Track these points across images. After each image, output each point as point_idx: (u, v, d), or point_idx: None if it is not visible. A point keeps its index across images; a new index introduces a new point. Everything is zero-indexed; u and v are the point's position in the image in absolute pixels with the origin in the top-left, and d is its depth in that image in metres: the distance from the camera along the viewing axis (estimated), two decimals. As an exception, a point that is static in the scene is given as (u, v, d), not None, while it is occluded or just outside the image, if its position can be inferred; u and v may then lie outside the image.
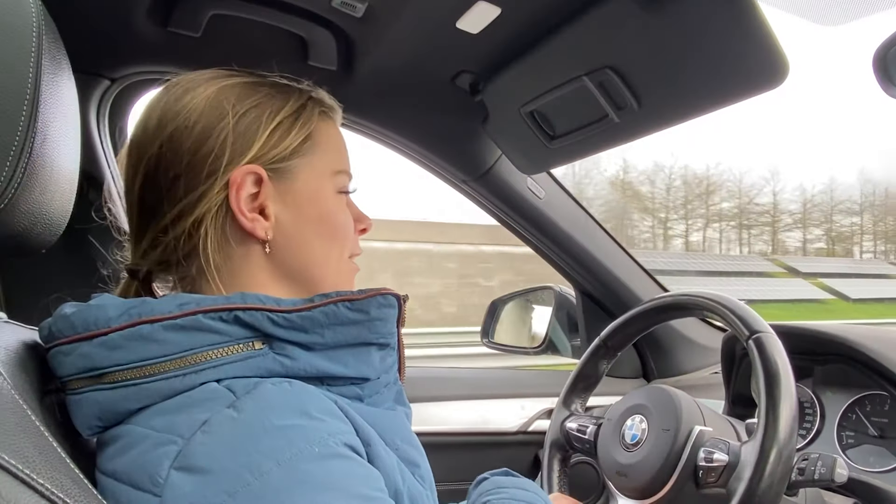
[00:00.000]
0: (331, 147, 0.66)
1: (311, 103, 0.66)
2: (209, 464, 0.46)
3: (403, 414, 0.64)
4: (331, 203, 0.65)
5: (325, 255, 0.65)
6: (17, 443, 0.40)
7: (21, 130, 0.46)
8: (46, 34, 0.49)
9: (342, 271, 0.67)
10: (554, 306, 1.67)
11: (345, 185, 0.67)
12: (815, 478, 0.80)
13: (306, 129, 0.64)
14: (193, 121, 0.60)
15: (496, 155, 1.40)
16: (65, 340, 0.52)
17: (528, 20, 1.01)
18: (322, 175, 0.65)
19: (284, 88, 0.65)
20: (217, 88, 0.62)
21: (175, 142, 0.60)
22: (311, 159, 0.64)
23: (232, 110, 0.60)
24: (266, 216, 0.61)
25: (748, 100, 0.88)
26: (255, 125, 0.61)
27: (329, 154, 0.66)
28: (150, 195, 0.61)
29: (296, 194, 0.63)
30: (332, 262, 0.65)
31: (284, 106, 0.63)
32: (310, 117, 0.64)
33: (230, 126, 0.60)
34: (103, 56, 1.11)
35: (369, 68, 1.17)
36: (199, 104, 0.60)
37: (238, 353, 0.53)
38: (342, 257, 0.67)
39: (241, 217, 0.60)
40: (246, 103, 0.61)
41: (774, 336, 0.85)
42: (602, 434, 1.03)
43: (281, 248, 0.62)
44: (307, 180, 0.64)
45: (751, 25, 0.80)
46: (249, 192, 0.60)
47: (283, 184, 0.62)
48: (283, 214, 0.62)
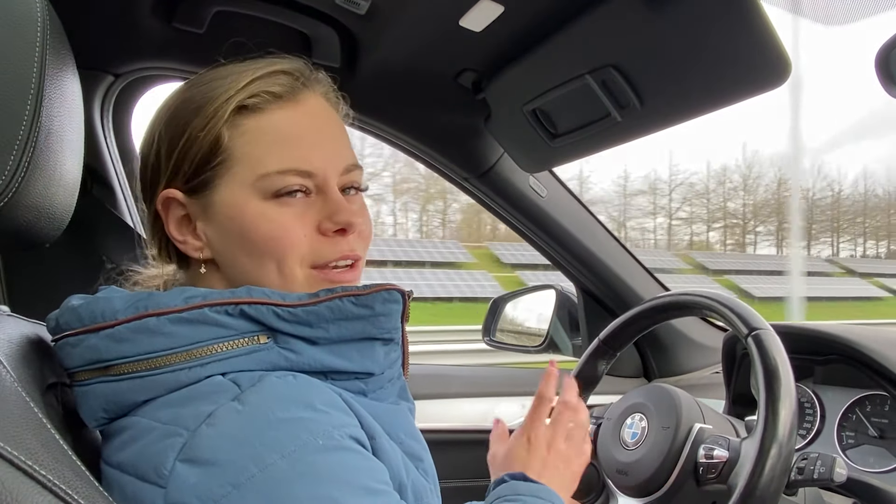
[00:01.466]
0: (255, 148, 0.58)
1: (228, 102, 0.58)
2: (214, 456, 0.46)
3: (407, 409, 0.64)
4: (253, 213, 0.57)
5: (259, 270, 0.58)
6: (20, 434, 0.41)
7: (25, 125, 0.46)
8: (51, 30, 0.50)
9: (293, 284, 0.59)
10: (555, 305, 1.67)
11: (281, 187, 0.58)
12: (814, 477, 0.80)
13: (210, 137, 0.58)
14: (140, 147, 0.64)
15: (498, 153, 1.40)
16: (72, 332, 0.53)
17: (531, 18, 1.01)
18: (241, 183, 0.58)
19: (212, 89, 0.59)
20: (158, 113, 0.63)
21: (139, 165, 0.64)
22: (225, 169, 0.58)
23: (159, 130, 0.61)
24: (197, 236, 0.61)
25: (749, 99, 0.88)
26: (170, 146, 0.60)
27: (252, 158, 0.58)
28: None
29: (216, 209, 0.59)
30: (270, 276, 0.58)
31: (196, 115, 0.58)
32: (217, 122, 0.58)
33: (154, 148, 0.61)
34: (107, 52, 1.11)
35: (372, 66, 1.17)
36: (147, 129, 0.63)
37: (243, 346, 0.53)
38: (285, 268, 0.58)
39: (174, 241, 0.61)
40: (169, 125, 0.60)
41: (773, 333, 0.85)
42: (602, 433, 1.04)
43: (221, 264, 0.61)
44: (224, 192, 0.58)
45: (753, 25, 0.80)
46: (179, 215, 0.61)
47: (203, 200, 0.59)
48: (210, 232, 0.60)
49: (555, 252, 1.54)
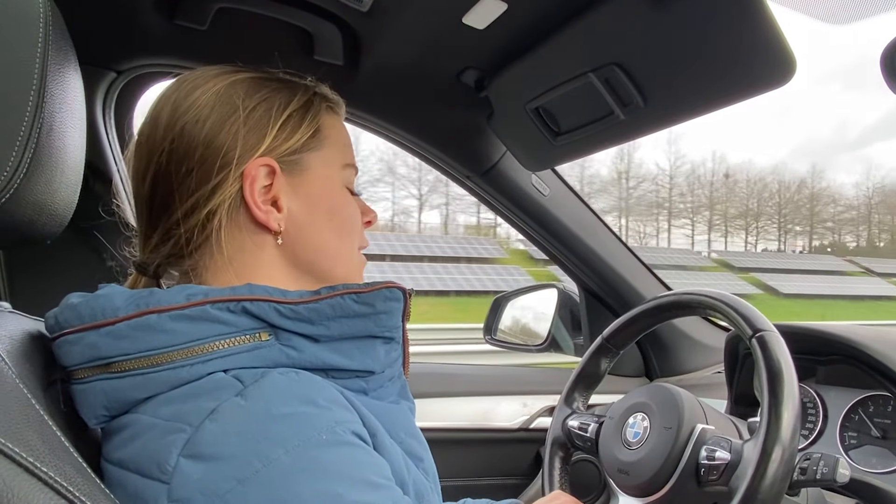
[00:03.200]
0: (339, 141, 0.67)
1: (318, 98, 0.66)
2: (218, 451, 0.46)
3: (407, 408, 0.65)
4: (340, 196, 0.66)
5: (336, 246, 0.66)
6: (21, 431, 0.40)
7: (27, 121, 0.46)
8: (53, 25, 0.49)
9: (353, 264, 0.68)
10: (557, 304, 1.67)
11: (351, 179, 0.68)
12: (817, 478, 0.80)
13: (315, 122, 0.65)
14: (205, 116, 0.60)
15: (501, 151, 1.40)
16: (71, 330, 0.52)
17: (534, 16, 1.00)
18: (332, 168, 0.66)
19: (290, 83, 0.66)
20: (226, 84, 0.62)
21: (186, 136, 0.60)
22: (322, 153, 0.65)
23: (242, 104, 0.61)
24: (278, 208, 0.62)
25: (754, 98, 0.88)
26: (266, 119, 0.61)
27: (337, 148, 0.67)
28: (162, 190, 0.62)
29: (308, 187, 0.64)
30: (343, 254, 0.66)
31: (293, 99, 0.64)
32: (318, 111, 0.65)
33: (241, 120, 0.60)
34: (110, 48, 1.11)
35: (375, 63, 1.17)
36: (210, 99, 0.61)
37: (245, 343, 0.53)
38: (353, 249, 0.68)
39: (255, 209, 0.60)
40: (255, 98, 0.62)
41: (778, 335, 0.85)
42: (603, 432, 1.03)
43: (293, 239, 0.63)
44: (318, 173, 0.64)
45: (758, 22, 0.80)
46: (262, 185, 0.61)
47: (294, 176, 0.63)
48: (295, 206, 0.63)
49: (557, 251, 1.54)
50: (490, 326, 1.74)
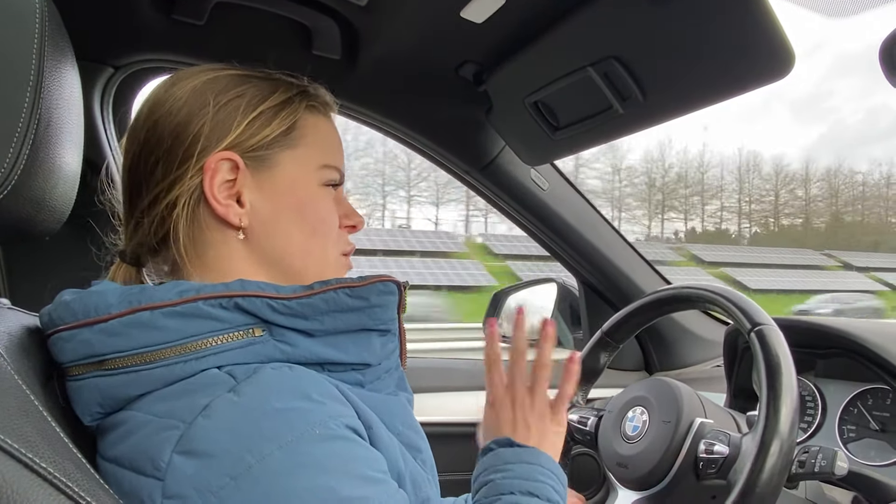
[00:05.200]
0: (318, 141, 0.66)
1: (300, 97, 0.65)
2: (211, 447, 0.46)
3: (405, 399, 0.65)
4: (311, 194, 0.65)
5: (303, 246, 0.64)
6: (20, 426, 0.41)
7: (24, 117, 0.46)
8: (50, 21, 0.49)
9: (326, 265, 0.66)
10: (557, 298, 1.67)
11: (331, 179, 0.66)
12: (815, 470, 0.80)
13: (289, 120, 0.63)
14: (177, 108, 0.61)
15: (500, 145, 1.40)
16: (65, 327, 0.52)
17: (532, 9, 1.00)
18: (304, 166, 0.64)
19: (274, 81, 0.65)
20: (205, 79, 0.62)
21: (159, 128, 0.61)
22: (294, 151, 0.64)
23: (214, 99, 0.61)
24: (241, 203, 0.61)
25: (753, 91, 0.87)
26: (235, 114, 0.61)
27: (315, 147, 0.65)
28: (134, 179, 0.63)
29: (274, 183, 0.63)
30: (313, 253, 0.65)
31: (269, 96, 0.63)
32: (295, 109, 0.64)
33: (210, 114, 0.60)
34: (107, 44, 1.11)
35: (373, 58, 1.17)
36: (185, 93, 0.62)
37: (238, 339, 0.53)
38: (325, 250, 0.66)
39: (214, 202, 0.60)
40: (229, 94, 0.62)
41: (776, 328, 0.85)
42: (603, 426, 1.04)
43: (258, 235, 0.62)
44: (287, 170, 0.63)
45: (757, 15, 0.79)
46: (225, 179, 0.61)
47: (261, 172, 0.62)
48: (259, 202, 0.62)
49: (556, 245, 1.54)
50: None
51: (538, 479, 0.68)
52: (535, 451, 0.71)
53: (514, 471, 0.68)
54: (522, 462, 0.69)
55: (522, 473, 0.68)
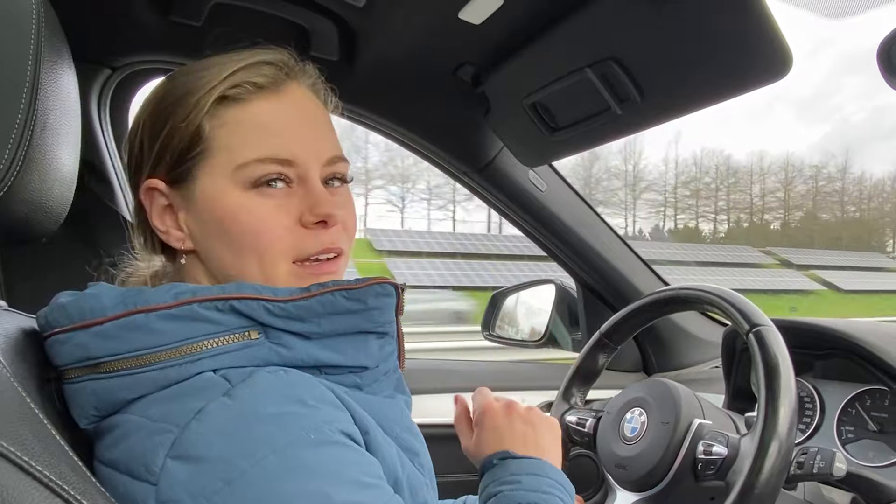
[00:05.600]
0: (237, 138, 0.58)
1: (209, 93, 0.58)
2: (204, 452, 0.46)
3: (403, 402, 0.64)
4: (231, 204, 0.57)
5: (239, 264, 0.58)
6: (16, 430, 0.40)
7: (20, 118, 0.46)
8: (46, 22, 0.49)
9: (275, 276, 0.58)
10: (555, 300, 1.67)
11: (261, 174, 0.57)
12: (813, 472, 0.80)
13: (191, 126, 0.58)
14: (127, 138, 0.64)
15: (498, 147, 1.40)
16: (61, 330, 0.52)
17: (530, 11, 1.00)
18: (220, 174, 0.58)
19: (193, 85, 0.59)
20: (144, 103, 0.63)
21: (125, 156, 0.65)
22: (206, 159, 0.58)
23: (142, 126, 0.61)
24: (180, 227, 0.61)
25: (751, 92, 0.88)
26: (153, 136, 0.60)
27: (228, 149, 0.57)
28: None
29: (196, 199, 0.59)
30: (249, 271, 0.58)
31: (178, 107, 0.58)
32: (198, 112, 0.57)
33: (138, 142, 0.61)
34: (104, 45, 1.11)
35: (371, 59, 1.17)
36: (134, 120, 0.63)
37: (234, 342, 0.53)
38: (264, 265, 0.58)
39: (157, 231, 0.61)
40: (153, 115, 0.61)
41: (775, 330, 0.85)
42: (601, 427, 1.03)
43: (203, 257, 0.61)
44: (203, 183, 0.58)
45: (754, 17, 0.80)
46: (161, 205, 0.61)
47: (184, 191, 0.59)
48: (191, 223, 0.60)
49: (554, 246, 1.54)
50: (488, 322, 1.74)
51: (546, 490, 0.67)
52: (541, 463, 0.70)
53: (522, 482, 0.67)
54: (530, 474, 0.68)
55: (531, 485, 0.67)
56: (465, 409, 0.84)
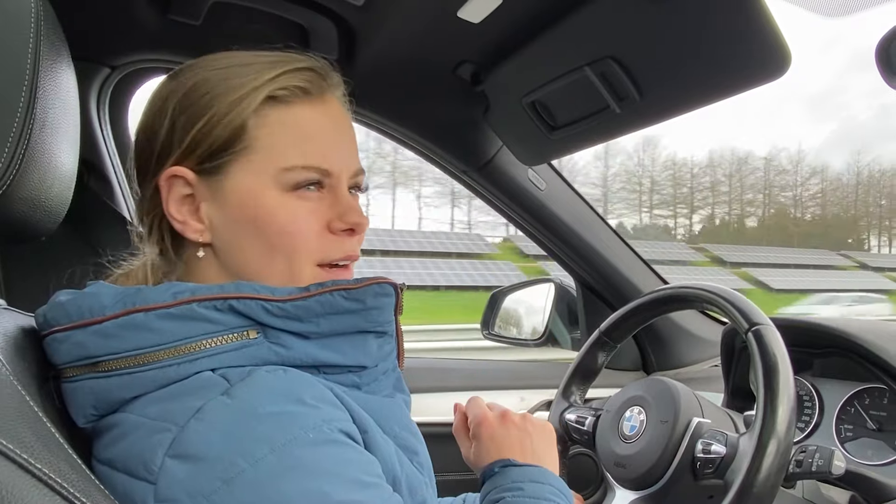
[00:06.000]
0: (280, 140, 0.58)
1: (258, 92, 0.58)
2: (203, 451, 0.46)
3: (402, 401, 0.64)
4: (269, 204, 0.58)
5: (265, 262, 0.59)
6: (16, 428, 0.40)
7: (19, 117, 0.46)
8: (45, 21, 0.49)
9: (299, 278, 0.59)
10: (554, 298, 1.67)
11: (301, 180, 0.59)
12: (812, 470, 0.80)
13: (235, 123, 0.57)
14: (144, 121, 0.61)
15: (497, 146, 1.40)
16: (59, 328, 0.52)
17: (530, 9, 1.00)
18: (260, 172, 0.58)
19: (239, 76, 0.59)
20: (172, 84, 0.61)
21: (136, 140, 0.62)
22: (245, 156, 0.58)
23: (171, 112, 0.59)
24: (199, 218, 0.59)
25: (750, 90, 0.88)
26: (187, 125, 0.58)
27: (272, 150, 0.58)
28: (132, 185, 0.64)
29: (227, 194, 0.58)
30: (275, 270, 0.59)
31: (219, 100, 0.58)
32: (244, 109, 0.57)
33: (165, 128, 0.59)
34: (103, 44, 1.11)
35: (370, 58, 1.17)
36: (153, 100, 0.61)
37: (233, 342, 0.53)
38: (292, 266, 0.59)
39: (172, 220, 0.59)
40: (186, 103, 0.59)
41: (774, 328, 0.85)
42: (600, 425, 1.04)
43: (221, 250, 0.60)
44: (238, 179, 0.58)
45: (753, 16, 0.80)
46: (182, 194, 0.59)
47: (214, 183, 0.59)
48: (215, 216, 0.59)
49: (553, 245, 1.54)
50: (487, 321, 1.74)
51: (548, 497, 0.67)
52: (542, 471, 0.70)
53: (524, 489, 0.67)
54: (532, 481, 0.68)
55: (533, 492, 0.67)
56: (464, 418, 0.84)
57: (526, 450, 0.74)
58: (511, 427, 0.76)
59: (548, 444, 0.77)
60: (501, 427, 0.77)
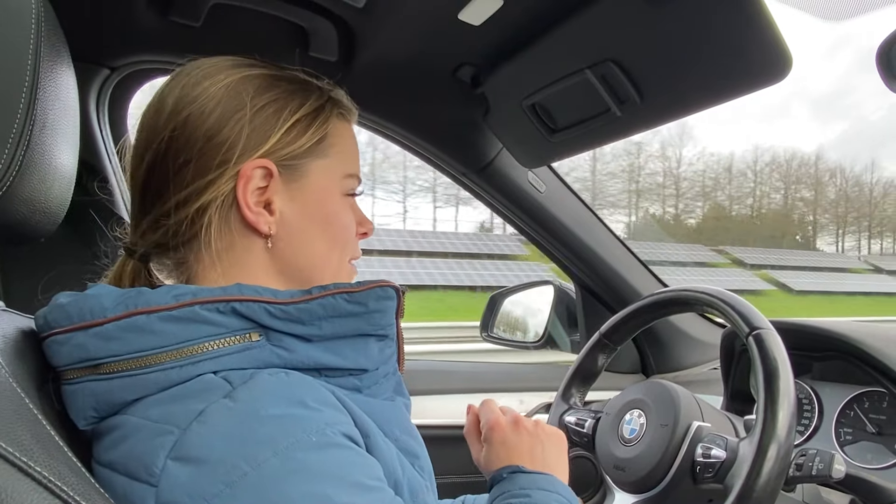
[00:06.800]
0: (345, 149, 0.66)
1: (330, 104, 0.66)
2: (206, 454, 0.46)
3: (402, 405, 0.64)
4: (337, 204, 0.65)
5: (325, 255, 0.65)
6: (14, 431, 0.40)
7: (19, 118, 0.46)
8: (46, 22, 0.49)
9: (341, 274, 0.67)
10: (553, 301, 1.67)
11: (353, 188, 0.67)
12: (812, 473, 0.80)
13: (323, 129, 0.64)
14: (210, 108, 0.59)
15: (497, 148, 1.40)
16: (60, 330, 0.52)
17: (530, 12, 1.00)
18: (333, 176, 0.65)
19: (305, 85, 0.65)
20: (237, 78, 0.61)
21: (189, 126, 0.59)
22: (325, 160, 0.64)
23: (250, 102, 0.60)
24: (271, 211, 0.61)
25: (751, 94, 0.88)
26: (273, 120, 0.60)
27: (342, 156, 0.66)
28: (157, 177, 0.61)
29: (304, 192, 0.63)
30: (332, 263, 0.66)
31: (304, 104, 0.63)
32: (327, 118, 0.65)
33: (247, 118, 0.59)
34: (103, 45, 1.11)
35: (370, 59, 1.17)
36: (218, 92, 0.60)
37: (235, 344, 0.53)
38: (343, 259, 0.67)
39: (246, 210, 0.59)
40: (265, 97, 0.61)
41: (774, 332, 0.85)
42: (600, 428, 1.04)
43: (283, 244, 0.62)
44: (317, 180, 0.64)
45: (754, 19, 0.80)
46: (257, 186, 0.60)
47: (292, 181, 0.62)
48: (288, 211, 0.62)
49: (553, 248, 1.54)
50: (487, 323, 1.74)
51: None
52: (551, 478, 0.71)
53: (532, 497, 0.67)
54: (540, 489, 0.69)
55: (540, 500, 0.67)
56: (476, 420, 0.84)
57: (536, 457, 0.74)
58: (523, 433, 0.77)
59: (558, 452, 0.77)
60: (513, 433, 0.77)
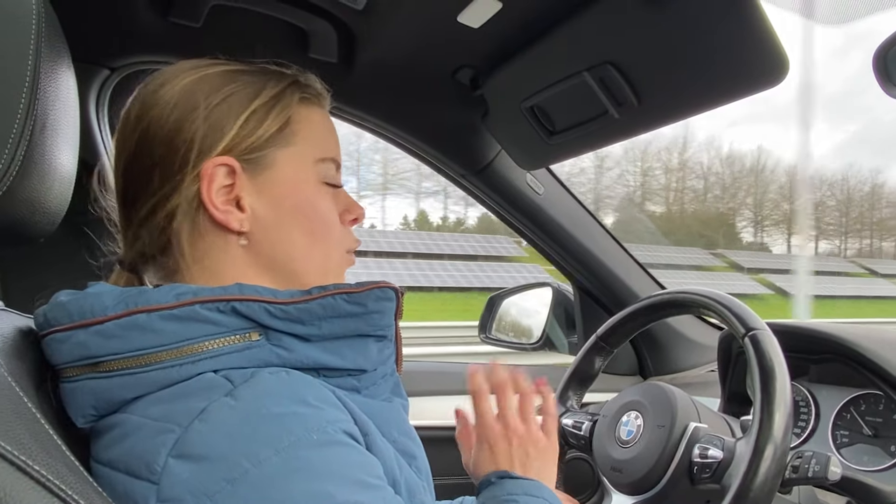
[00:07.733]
0: (313, 134, 0.64)
1: (292, 89, 0.63)
2: (207, 451, 0.46)
3: (400, 406, 0.64)
4: (311, 193, 0.63)
5: (305, 248, 0.63)
6: (13, 429, 0.40)
7: (19, 119, 0.46)
8: (46, 22, 0.49)
9: (330, 266, 0.65)
10: (551, 303, 1.67)
11: (330, 173, 0.65)
12: (808, 476, 0.80)
13: (282, 116, 0.62)
14: (168, 112, 0.59)
15: (496, 150, 1.40)
16: (60, 328, 0.52)
17: (529, 15, 1.00)
18: (302, 164, 0.63)
19: (264, 75, 0.63)
20: (193, 79, 0.61)
21: (151, 133, 0.59)
22: (290, 148, 0.62)
23: (205, 101, 0.59)
24: (241, 208, 0.60)
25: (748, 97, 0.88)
26: (228, 115, 0.59)
27: (310, 142, 0.63)
28: (130, 187, 0.61)
29: (273, 184, 0.61)
30: (315, 256, 0.63)
31: (260, 93, 0.61)
32: (287, 104, 0.62)
33: (201, 117, 0.59)
34: (103, 45, 1.11)
35: (370, 61, 1.17)
36: (175, 95, 0.60)
37: (235, 343, 0.53)
38: (328, 250, 0.64)
39: (213, 209, 0.59)
40: (220, 93, 0.60)
41: (770, 334, 0.86)
42: (597, 430, 1.04)
43: (259, 240, 0.61)
44: (285, 169, 0.62)
45: (752, 22, 0.80)
46: (222, 184, 0.59)
47: (257, 174, 0.61)
48: (259, 206, 0.61)
49: (551, 249, 1.54)
50: (485, 325, 1.74)
51: None
52: (538, 485, 0.70)
53: (518, 502, 0.67)
54: (527, 494, 0.68)
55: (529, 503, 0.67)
56: (466, 424, 0.84)
57: (525, 463, 0.74)
58: (513, 438, 0.76)
59: (547, 458, 0.77)
60: (503, 439, 0.76)
